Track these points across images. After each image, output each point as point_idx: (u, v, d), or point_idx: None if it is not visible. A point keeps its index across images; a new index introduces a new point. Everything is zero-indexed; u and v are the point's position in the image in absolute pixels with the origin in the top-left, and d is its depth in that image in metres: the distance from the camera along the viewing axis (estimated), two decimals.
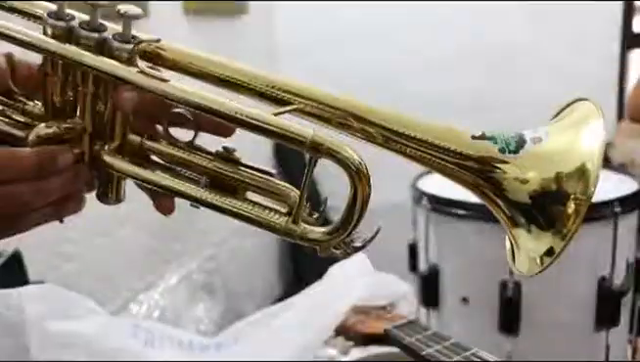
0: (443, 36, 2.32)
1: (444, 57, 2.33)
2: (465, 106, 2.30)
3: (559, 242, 0.45)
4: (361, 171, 0.47)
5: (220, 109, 0.48)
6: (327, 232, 0.50)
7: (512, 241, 0.50)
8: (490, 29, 2.28)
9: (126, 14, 0.49)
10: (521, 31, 2.26)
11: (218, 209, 0.52)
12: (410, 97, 2.28)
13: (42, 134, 0.50)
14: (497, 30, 2.27)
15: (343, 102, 0.50)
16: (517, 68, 2.30)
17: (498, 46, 2.28)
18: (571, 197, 0.45)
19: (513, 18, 2.27)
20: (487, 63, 2.31)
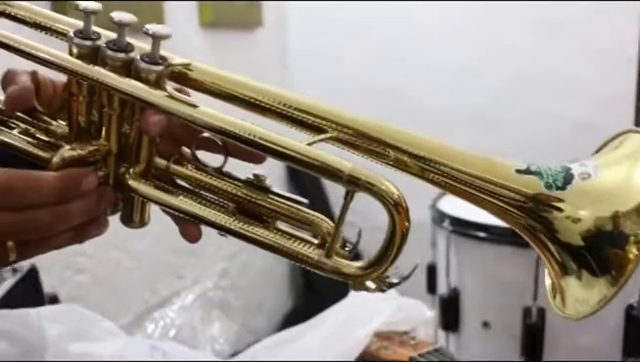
0: (455, 50, 2.30)
1: (455, 71, 2.31)
2: (476, 120, 2.28)
3: (612, 289, 0.41)
4: (400, 205, 0.45)
5: (252, 138, 0.45)
6: (362, 267, 0.47)
7: (557, 286, 0.46)
8: (503, 44, 2.26)
9: (155, 34, 0.47)
10: (534, 46, 2.23)
11: (247, 239, 0.49)
12: (421, 111, 2.27)
13: (66, 157, 0.48)
14: (510, 45, 2.25)
15: (378, 130, 0.48)
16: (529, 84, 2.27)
17: (511, 61, 2.26)
18: (630, 238, 0.41)
19: (526, 33, 2.24)
20: (500, 77, 2.28)
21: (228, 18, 2.00)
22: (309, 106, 0.47)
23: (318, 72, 2.36)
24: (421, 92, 2.31)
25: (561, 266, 0.45)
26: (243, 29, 2.12)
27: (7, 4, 0.55)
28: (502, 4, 2.21)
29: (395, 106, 2.26)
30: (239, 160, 0.51)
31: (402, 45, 2.31)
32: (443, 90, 2.31)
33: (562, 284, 0.45)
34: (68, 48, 0.49)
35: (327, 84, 2.25)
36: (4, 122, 0.53)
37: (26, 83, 0.50)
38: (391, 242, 0.46)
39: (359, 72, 2.36)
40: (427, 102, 2.30)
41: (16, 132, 0.53)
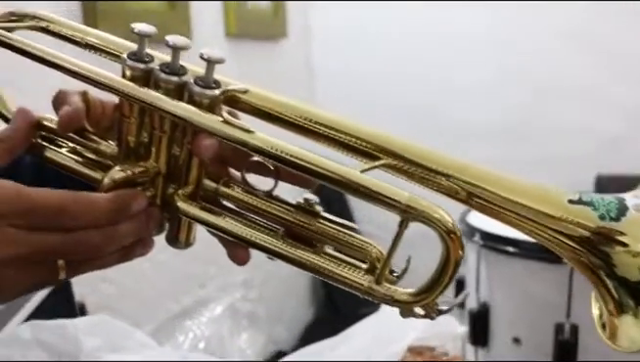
0: (480, 63, 2.29)
1: (480, 84, 2.30)
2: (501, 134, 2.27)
3: None
4: (454, 233, 0.44)
5: (307, 165, 0.45)
6: (413, 294, 0.47)
7: (609, 322, 0.45)
8: (529, 56, 2.24)
9: (210, 59, 0.47)
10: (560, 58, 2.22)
11: (296, 263, 0.49)
12: (445, 124, 2.26)
13: (116, 178, 0.48)
14: (536, 57, 2.23)
15: (431, 158, 0.47)
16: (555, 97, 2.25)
17: (537, 73, 2.24)
18: None
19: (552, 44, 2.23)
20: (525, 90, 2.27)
21: (253, 29, 2.01)
22: (363, 132, 0.47)
23: (342, 84, 2.36)
24: (445, 105, 2.31)
25: (617, 303, 0.43)
26: (267, 40, 2.13)
27: (49, 20, 0.55)
28: (528, 16, 2.20)
29: (419, 119, 2.25)
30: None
31: (426, 58, 2.31)
32: (467, 103, 2.30)
33: (615, 321, 0.44)
34: (121, 70, 0.49)
35: (350, 96, 2.25)
36: (52, 141, 0.54)
37: (78, 104, 0.51)
38: (444, 270, 0.45)
39: (383, 85, 2.35)
40: (451, 115, 2.29)
41: (64, 151, 0.53)
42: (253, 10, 2.03)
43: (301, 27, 2.35)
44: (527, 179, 0.48)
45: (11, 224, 0.44)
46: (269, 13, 2.14)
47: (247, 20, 1.96)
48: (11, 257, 0.44)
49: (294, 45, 2.26)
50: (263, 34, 2.10)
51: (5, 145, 0.50)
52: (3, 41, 0.51)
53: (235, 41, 1.90)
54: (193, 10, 1.71)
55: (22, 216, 0.44)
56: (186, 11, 1.68)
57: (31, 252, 0.44)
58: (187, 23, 1.68)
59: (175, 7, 1.64)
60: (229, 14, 1.88)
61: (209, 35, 1.79)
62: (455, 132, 2.24)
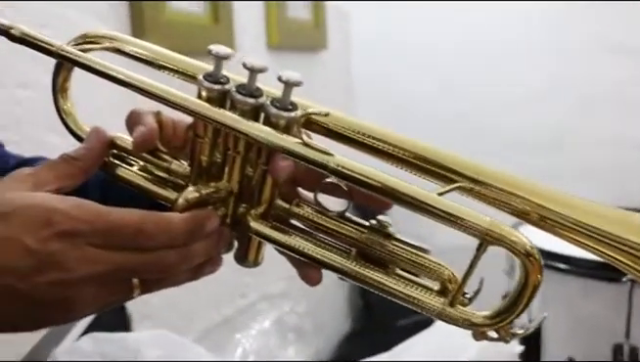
0: (522, 73, 2.26)
1: (522, 94, 2.27)
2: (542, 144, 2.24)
3: None
4: (533, 257, 0.44)
5: (385, 187, 0.45)
6: (489, 316, 0.47)
7: None
8: (572, 66, 2.21)
9: (288, 81, 0.47)
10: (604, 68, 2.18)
11: (367, 284, 0.49)
12: (486, 134, 2.24)
13: (190, 198, 0.49)
14: (579, 67, 2.20)
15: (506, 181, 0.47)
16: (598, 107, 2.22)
17: (580, 83, 2.21)
18: None
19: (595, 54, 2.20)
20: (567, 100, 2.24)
21: (294, 40, 2.03)
22: (438, 155, 0.47)
23: (381, 95, 2.36)
24: (487, 115, 2.29)
25: None
26: (308, 51, 2.15)
27: (124, 41, 0.56)
28: (571, 25, 2.17)
29: (460, 129, 2.24)
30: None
31: (467, 68, 2.30)
32: (511, 113, 2.28)
33: None
34: (197, 91, 0.50)
35: (390, 107, 2.25)
36: (123, 159, 0.55)
37: (153, 124, 0.52)
38: (522, 293, 0.45)
39: (423, 95, 2.35)
40: (493, 125, 2.27)
41: (135, 169, 0.54)
42: (295, 22, 2.04)
43: (341, 38, 2.36)
44: (603, 204, 0.47)
45: (90, 243, 0.44)
46: (310, 24, 2.15)
47: (288, 31, 1.98)
48: (90, 276, 0.44)
49: (334, 56, 2.27)
50: (304, 45, 2.11)
51: (80, 163, 0.51)
52: (79, 62, 0.52)
53: (276, 52, 1.92)
54: (236, 22, 1.73)
55: (102, 236, 0.45)
56: (229, 23, 1.70)
57: (109, 271, 0.45)
58: (230, 35, 1.70)
59: (219, 19, 1.66)
60: (271, 26, 1.90)
61: (252, 47, 1.80)
62: (498, 142, 2.22)
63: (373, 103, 2.30)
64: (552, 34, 2.22)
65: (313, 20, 2.16)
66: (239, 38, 1.73)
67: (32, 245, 0.43)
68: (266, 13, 1.90)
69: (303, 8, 2.10)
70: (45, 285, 0.43)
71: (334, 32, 2.27)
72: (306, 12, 2.12)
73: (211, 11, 1.65)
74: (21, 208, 0.44)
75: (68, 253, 0.43)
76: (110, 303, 0.49)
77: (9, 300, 0.44)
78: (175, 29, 1.51)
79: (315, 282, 0.52)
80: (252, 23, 1.84)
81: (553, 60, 2.22)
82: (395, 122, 0.50)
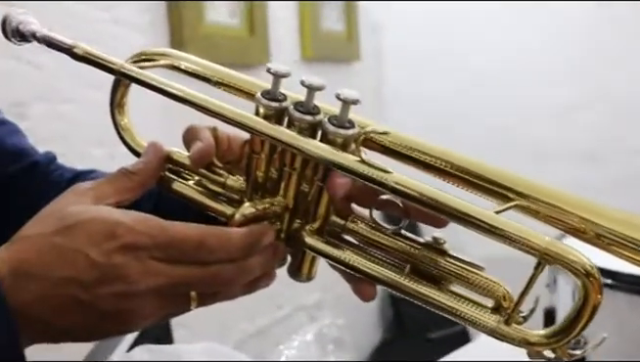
0: (561, 83, 2.24)
1: (561, 105, 2.25)
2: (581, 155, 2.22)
3: None
4: (593, 277, 0.44)
5: (445, 207, 0.45)
6: (546, 336, 0.46)
7: None
8: (612, 77, 2.19)
9: (346, 99, 0.48)
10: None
11: (421, 300, 0.49)
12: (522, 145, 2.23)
13: (247, 214, 0.50)
14: (619, 78, 2.18)
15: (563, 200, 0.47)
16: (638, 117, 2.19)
17: (620, 94, 2.18)
18: None
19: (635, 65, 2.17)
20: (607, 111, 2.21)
21: (328, 52, 2.04)
22: (496, 174, 0.47)
23: (413, 106, 2.36)
24: (520, 127, 2.27)
25: None
26: (341, 63, 2.16)
27: (181, 58, 0.57)
28: (612, 36, 2.15)
29: (493, 140, 2.23)
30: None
31: (500, 80, 2.29)
32: (543, 124, 2.26)
33: None
34: (254, 108, 0.50)
35: (422, 118, 2.25)
36: (178, 173, 0.56)
37: (210, 140, 0.53)
38: (581, 313, 0.45)
39: (455, 106, 2.34)
40: (525, 136, 2.25)
41: (190, 183, 0.55)
42: (328, 34, 2.06)
43: (373, 50, 2.37)
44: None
45: (152, 256, 0.45)
46: (343, 37, 2.17)
47: (322, 43, 1.99)
48: (151, 288, 0.45)
49: (366, 67, 2.28)
50: (337, 57, 2.13)
51: (138, 178, 0.52)
52: (139, 79, 0.54)
53: (310, 64, 1.93)
54: (271, 35, 1.75)
55: (164, 249, 0.45)
56: (265, 36, 1.72)
57: (170, 284, 0.46)
58: (266, 48, 1.72)
59: (255, 32, 1.68)
60: (305, 38, 1.92)
61: (286, 59, 1.82)
62: (531, 153, 2.20)
63: (404, 114, 2.30)
64: (586, 45, 2.20)
65: (346, 32, 2.17)
66: (274, 50, 1.75)
67: (96, 257, 0.44)
68: (300, 25, 1.92)
69: (337, 20, 2.12)
70: (108, 296, 0.44)
71: (366, 44, 2.28)
72: (339, 24, 2.14)
73: (247, 23, 1.67)
74: (84, 222, 0.45)
75: (130, 266, 0.44)
76: (167, 316, 0.50)
77: (72, 311, 0.45)
78: (213, 42, 1.54)
79: (369, 297, 0.52)
80: (287, 36, 1.87)
81: (588, 70, 2.20)
82: (427, 134, 0.50)
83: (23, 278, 0.44)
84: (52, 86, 1.19)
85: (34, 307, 0.44)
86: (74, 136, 1.22)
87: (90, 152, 1.26)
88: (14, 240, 0.47)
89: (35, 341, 0.46)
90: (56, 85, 1.19)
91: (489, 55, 2.30)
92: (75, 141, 1.22)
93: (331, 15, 2.07)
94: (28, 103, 1.15)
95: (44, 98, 1.18)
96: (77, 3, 1.22)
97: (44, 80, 1.17)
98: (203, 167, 0.54)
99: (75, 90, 1.23)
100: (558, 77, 2.23)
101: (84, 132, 1.24)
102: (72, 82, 1.22)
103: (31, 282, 0.44)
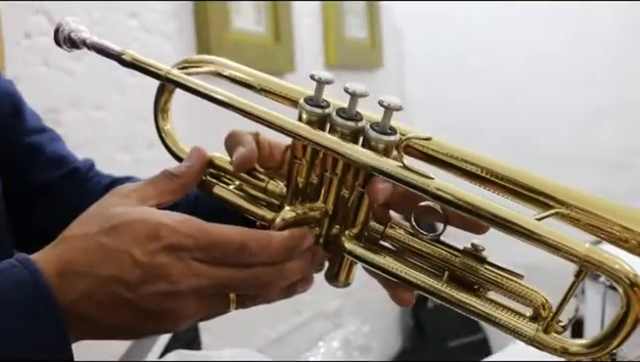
0: (583, 91, 2.23)
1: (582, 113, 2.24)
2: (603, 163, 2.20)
3: None
4: (637, 286, 0.44)
5: (485, 213, 0.46)
6: (586, 345, 0.46)
7: None
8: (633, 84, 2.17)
9: (389, 106, 0.48)
10: None
11: (459, 307, 0.50)
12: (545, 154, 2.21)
13: (287, 218, 0.50)
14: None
15: (605, 208, 0.47)
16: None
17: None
18: None
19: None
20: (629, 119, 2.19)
21: (351, 59, 2.06)
22: (538, 182, 0.48)
23: (436, 112, 2.35)
24: (549, 135, 2.26)
25: None
26: (365, 70, 2.17)
27: (224, 65, 0.58)
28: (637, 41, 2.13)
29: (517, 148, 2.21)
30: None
31: (526, 85, 2.28)
32: (574, 133, 2.24)
33: None
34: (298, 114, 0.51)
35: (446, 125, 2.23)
36: (219, 178, 0.56)
37: (253, 145, 0.53)
38: (623, 323, 0.45)
39: (478, 114, 2.33)
40: (556, 145, 2.24)
41: (232, 188, 0.56)
42: (352, 41, 2.07)
43: (396, 57, 2.37)
44: None
45: (194, 258, 0.46)
46: (366, 44, 2.18)
47: (346, 51, 2.00)
48: (193, 289, 0.46)
49: (389, 74, 2.29)
50: (361, 64, 2.14)
51: (181, 180, 0.53)
52: (185, 85, 0.55)
53: (334, 71, 1.94)
54: (296, 42, 1.76)
55: (206, 251, 0.46)
56: (290, 43, 1.74)
57: (211, 285, 0.47)
58: (291, 55, 1.73)
59: (280, 39, 1.70)
60: (329, 45, 1.94)
61: (311, 66, 1.83)
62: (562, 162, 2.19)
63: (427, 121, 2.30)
64: (610, 50, 2.19)
65: (369, 39, 2.18)
66: (298, 57, 1.77)
67: (141, 257, 0.45)
68: (324, 33, 1.93)
69: (360, 27, 2.13)
70: (151, 295, 0.45)
71: (389, 51, 2.29)
72: (363, 31, 2.15)
73: (273, 31, 1.69)
74: (129, 222, 0.46)
75: (173, 266, 0.45)
76: (207, 316, 0.50)
77: (116, 308, 0.46)
78: (239, 48, 1.55)
79: (407, 303, 0.52)
80: (312, 43, 1.88)
81: (618, 78, 2.18)
82: (450, 140, 0.50)
83: (70, 277, 0.45)
84: (82, 92, 1.21)
85: (81, 305, 0.45)
86: (101, 142, 1.24)
87: (116, 157, 1.27)
88: (59, 240, 0.48)
89: (81, 338, 0.47)
90: (85, 91, 1.21)
91: (512, 61, 2.29)
92: (102, 147, 1.23)
93: (354, 22, 2.08)
94: (61, 109, 1.16)
95: (76, 104, 1.20)
96: (106, 10, 1.24)
97: (75, 87, 1.19)
98: (245, 172, 0.55)
99: (103, 96, 1.25)
100: (582, 84, 2.22)
101: (110, 138, 1.26)
102: (101, 88, 1.24)
103: (78, 280, 0.45)
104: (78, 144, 1.19)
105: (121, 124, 1.28)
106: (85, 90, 1.21)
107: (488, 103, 2.33)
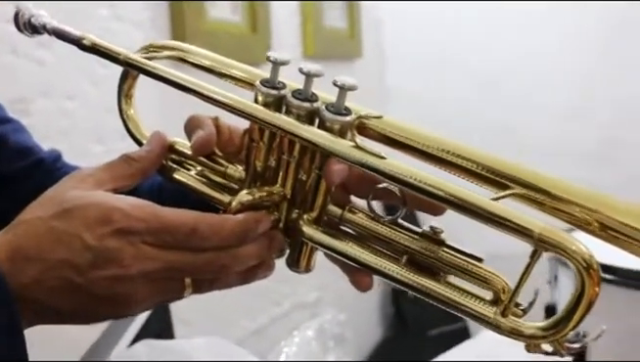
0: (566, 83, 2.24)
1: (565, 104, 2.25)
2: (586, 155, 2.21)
3: None
4: (592, 268, 0.43)
5: (441, 193, 0.45)
6: (542, 328, 0.46)
7: None
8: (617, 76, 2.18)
9: (343, 86, 0.48)
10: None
11: (418, 291, 0.49)
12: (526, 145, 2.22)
13: (244, 201, 0.50)
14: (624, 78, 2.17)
15: (564, 188, 0.46)
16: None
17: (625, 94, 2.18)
18: None
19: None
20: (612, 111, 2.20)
21: (330, 49, 2.04)
22: (493, 161, 0.47)
23: (416, 103, 2.35)
24: (529, 127, 2.26)
25: None
26: (343, 60, 2.16)
27: (186, 51, 0.58)
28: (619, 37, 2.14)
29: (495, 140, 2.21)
30: None
31: (506, 78, 2.28)
32: (554, 124, 2.25)
33: None
34: (253, 96, 0.50)
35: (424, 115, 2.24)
36: (180, 163, 0.56)
37: (211, 129, 0.53)
38: (577, 305, 0.44)
39: (457, 105, 2.33)
40: (535, 137, 2.24)
41: (192, 173, 0.55)
42: (330, 31, 2.06)
43: (375, 47, 2.37)
44: None
45: (145, 242, 0.46)
46: (345, 34, 2.17)
47: (324, 41, 1.99)
48: (144, 273, 0.46)
49: (368, 64, 2.28)
50: (339, 54, 2.13)
51: (139, 165, 0.52)
52: (144, 69, 0.54)
53: (312, 62, 1.93)
54: (273, 32, 1.75)
55: (157, 234, 0.46)
56: (267, 33, 1.72)
57: (163, 269, 0.46)
58: (267, 45, 1.72)
59: (257, 29, 1.68)
60: (307, 35, 1.92)
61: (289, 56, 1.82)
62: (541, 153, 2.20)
63: (406, 111, 2.30)
64: (592, 45, 2.20)
65: (348, 29, 2.17)
66: (276, 47, 1.75)
67: (91, 241, 0.45)
68: (302, 22, 1.92)
69: (339, 17, 2.12)
70: (101, 279, 0.45)
71: (368, 41, 2.28)
72: (341, 21, 2.14)
73: (250, 20, 1.68)
74: (81, 206, 0.46)
75: (124, 250, 0.45)
76: (162, 301, 0.50)
77: (67, 293, 0.45)
78: (215, 38, 1.54)
79: (366, 287, 0.52)
80: (289, 33, 1.87)
81: (600, 70, 2.19)
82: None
83: (21, 262, 0.45)
84: (53, 82, 1.19)
85: (32, 290, 0.45)
86: (74, 133, 1.22)
87: (90, 148, 1.26)
88: (12, 225, 0.48)
89: (34, 324, 0.47)
90: (56, 81, 1.20)
91: (492, 53, 2.29)
92: (75, 138, 1.22)
93: (333, 12, 2.07)
94: (31, 99, 1.15)
95: (47, 94, 1.18)
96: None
97: (45, 76, 1.17)
98: (204, 156, 0.54)
99: (75, 86, 1.23)
100: (563, 77, 2.23)
101: (83, 129, 1.24)
102: (72, 78, 1.22)
103: (29, 265, 0.45)
104: (50, 134, 1.18)
105: (94, 115, 1.26)
106: (56, 80, 1.19)
107: (467, 94, 2.33)
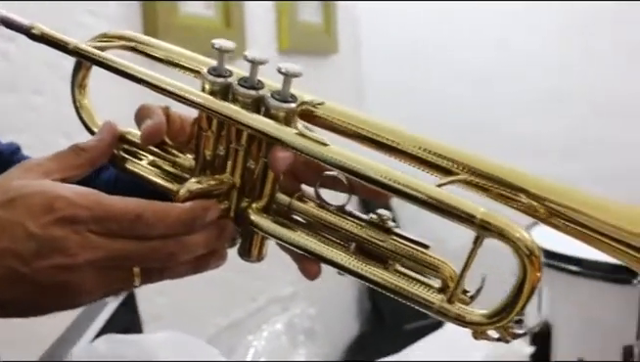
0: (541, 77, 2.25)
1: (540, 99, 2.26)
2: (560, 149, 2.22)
3: None
4: (533, 254, 0.43)
5: (383, 179, 0.45)
6: (487, 315, 0.46)
7: None
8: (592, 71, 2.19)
9: (287, 73, 0.47)
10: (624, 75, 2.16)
11: (366, 279, 0.49)
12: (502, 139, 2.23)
13: (192, 189, 0.49)
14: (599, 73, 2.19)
15: (509, 174, 0.46)
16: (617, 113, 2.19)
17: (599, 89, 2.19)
18: None
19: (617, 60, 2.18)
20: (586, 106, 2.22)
21: (305, 44, 2.03)
22: (438, 147, 0.47)
23: (392, 99, 2.35)
24: (500, 122, 2.27)
25: None
26: (318, 55, 2.15)
27: (138, 40, 0.57)
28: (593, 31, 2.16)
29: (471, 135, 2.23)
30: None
31: (482, 73, 2.29)
32: (526, 118, 2.26)
33: None
34: (200, 84, 0.50)
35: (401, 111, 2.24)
36: (133, 153, 0.55)
37: (161, 117, 0.52)
38: (520, 291, 0.44)
39: (434, 101, 2.34)
40: (504, 131, 2.26)
41: (144, 163, 0.55)
42: (306, 26, 2.05)
43: (352, 42, 2.36)
44: (615, 200, 0.46)
45: (90, 230, 0.45)
46: (320, 28, 2.16)
47: (299, 35, 1.98)
48: (89, 261, 0.45)
49: (344, 60, 2.28)
50: (315, 49, 2.12)
51: (88, 155, 0.52)
52: (93, 58, 0.54)
53: (287, 56, 1.92)
54: (248, 26, 1.74)
55: (102, 223, 0.45)
56: (241, 28, 1.71)
57: (109, 258, 0.46)
58: (242, 40, 1.71)
59: (231, 24, 1.67)
60: (282, 30, 1.91)
61: (263, 51, 1.82)
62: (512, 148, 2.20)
63: (384, 106, 2.30)
64: (566, 40, 2.21)
65: (324, 24, 2.16)
66: (250, 42, 1.75)
67: (34, 229, 0.44)
68: (277, 17, 1.91)
69: (314, 12, 2.11)
70: (46, 269, 0.44)
71: (344, 36, 2.28)
72: (317, 16, 2.13)
73: (223, 15, 1.66)
74: (26, 195, 0.46)
75: (69, 239, 0.44)
76: (111, 291, 0.49)
77: (11, 283, 0.45)
78: (188, 33, 1.52)
79: (314, 275, 0.52)
80: (264, 28, 1.86)
81: (570, 65, 2.20)
82: (406, 125, 0.49)
83: None
84: (18, 76, 1.18)
85: None
86: (41, 127, 1.21)
87: (58, 142, 1.24)
88: None
89: None
90: (22, 75, 1.18)
91: (469, 48, 2.30)
92: (42, 132, 1.20)
93: (308, 6, 2.07)
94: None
95: (12, 88, 1.17)
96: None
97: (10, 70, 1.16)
98: (154, 145, 0.54)
99: (41, 81, 1.22)
100: (538, 72, 2.24)
101: (51, 123, 1.23)
102: (39, 73, 1.21)
103: None
104: (17, 128, 1.16)
105: (62, 110, 1.25)
106: (22, 74, 1.18)
107: (444, 89, 2.34)
